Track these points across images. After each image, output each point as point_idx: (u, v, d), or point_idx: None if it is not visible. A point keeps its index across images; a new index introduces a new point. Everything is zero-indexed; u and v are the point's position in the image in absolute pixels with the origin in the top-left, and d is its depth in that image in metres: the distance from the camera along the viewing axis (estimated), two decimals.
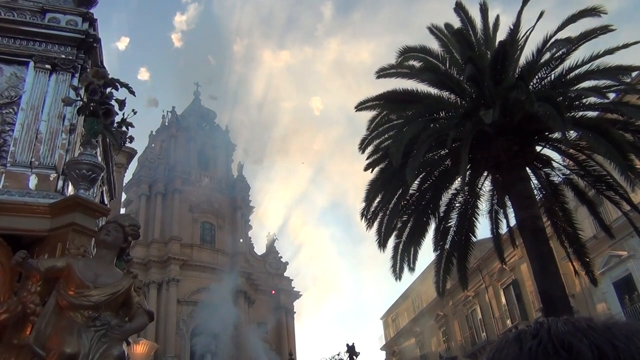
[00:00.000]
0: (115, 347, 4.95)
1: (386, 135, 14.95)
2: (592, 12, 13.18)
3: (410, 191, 14.64)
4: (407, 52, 14.63)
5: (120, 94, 6.57)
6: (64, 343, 4.69)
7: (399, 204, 14.78)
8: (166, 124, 46.77)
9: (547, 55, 13.74)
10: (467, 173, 13.37)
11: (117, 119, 6.82)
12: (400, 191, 14.53)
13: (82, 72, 7.18)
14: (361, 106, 15.10)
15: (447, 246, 15.46)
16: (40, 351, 4.70)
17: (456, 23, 14.69)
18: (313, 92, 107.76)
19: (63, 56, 7.18)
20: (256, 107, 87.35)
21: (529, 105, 11.87)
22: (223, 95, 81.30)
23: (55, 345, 4.70)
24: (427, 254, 16.76)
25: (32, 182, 6.26)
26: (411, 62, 14.83)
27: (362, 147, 15.19)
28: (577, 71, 13.54)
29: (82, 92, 6.44)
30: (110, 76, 6.37)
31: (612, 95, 13.99)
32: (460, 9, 14.71)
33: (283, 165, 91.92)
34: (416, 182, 14.41)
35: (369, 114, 15.15)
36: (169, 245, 38.03)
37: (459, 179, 14.71)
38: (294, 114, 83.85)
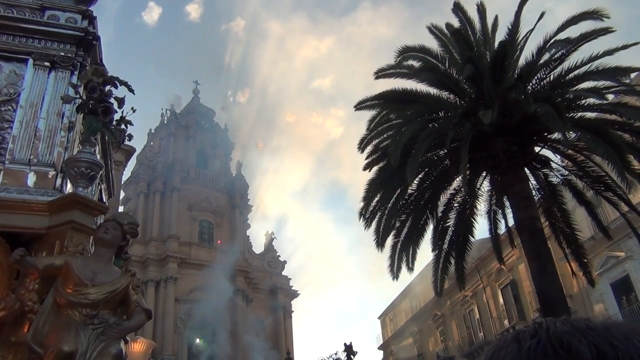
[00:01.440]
0: (113, 345, 4.95)
1: (385, 135, 14.95)
2: (594, 15, 13.16)
3: (409, 191, 14.64)
4: (406, 52, 14.63)
5: (120, 92, 6.57)
6: (62, 341, 4.69)
7: (398, 203, 14.78)
8: (165, 122, 46.73)
9: (546, 56, 13.74)
10: (467, 173, 13.38)
11: (116, 116, 6.82)
12: (399, 191, 14.52)
13: (81, 69, 7.19)
14: (360, 105, 15.11)
15: (445, 246, 15.46)
16: (38, 349, 4.71)
17: (457, 23, 14.70)
18: (323, 74, 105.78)
19: (62, 54, 7.17)
20: (263, 87, 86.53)
21: (527, 106, 11.87)
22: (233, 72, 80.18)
23: (53, 343, 4.70)
24: (425, 253, 16.77)
25: (31, 179, 6.26)
26: (410, 62, 14.83)
27: (361, 146, 15.19)
28: (576, 72, 13.55)
29: (81, 89, 6.43)
30: (109, 74, 6.37)
31: (611, 97, 14.01)
32: (458, 9, 14.71)
33: (287, 154, 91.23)
34: (415, 181, 14.40)
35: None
36: (167, 243, 38.01)
37: (458, 179, 14.74)
38: (303, 95, 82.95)
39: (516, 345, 0.90)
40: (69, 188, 6.33)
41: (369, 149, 15.19)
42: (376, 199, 15.04)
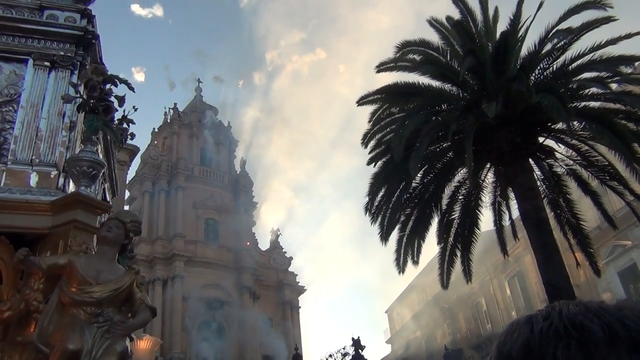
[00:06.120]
0: (119, 343, 4.97)
1: (388, 129, 14.91)
2: (596, 3, 13.04)
3: (413, 184, 14.61)
4: (406, 47, 14.54)
5: (120, 90, 6.57)
6: (67, 339, 4.71)
7: (402, 197, 14.75)
8: (168, 120, 46.81)
9: (548, 46, 13.64)
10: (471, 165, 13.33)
11: (118, 115, 6.83)
12: (403, 184, 14.50)
13: (81, 68, 7.19)
14: (362, 100, 15.08)
15: (450, 239, 15.44)
16: (44, 348, 4.73)
17: (457, 15, 14.62)
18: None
19: (62, 53, 7.18)
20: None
21: (529, 97, 11.81)
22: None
23: (59, 341, 4.72)
24: (432, 247, 16.74)
25: (33, 179, 6.27)
26: (411, 56, 14.77)
27: (365, 141, 15.17)
28: (579, 61, 13.45)
29: (81, 89, 6.44)
30: (109, 73, 6.37)
31: (614, 86, 13.92)
32: (459, 1, 14.62)
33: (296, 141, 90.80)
34: (419, 175, 14.36)
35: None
36: (174, 242, 38.12)
37: (462, 171, 14.70)
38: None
39: (528, 327, 0.91)
40: (71, 187, 6.35)
41: (372, 143, 15.17)
42: (381, 193, 15.02)
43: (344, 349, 27.52)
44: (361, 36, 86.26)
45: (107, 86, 6.27)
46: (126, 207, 31.43)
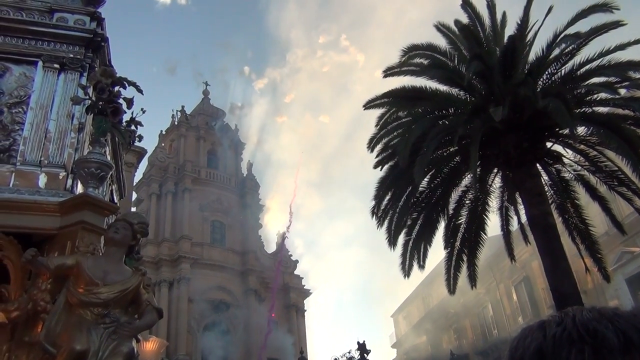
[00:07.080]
0: (125, 344, 4.98)
1: (395, 133, 14.89)
2: (604, 7, 13.02)
3: (420, 189, 14.57)
4: (412, 50, 14.55)
5: (128, 92, 6.61)
6: (74, 340, 4.73)
7: (409, 201, 14.72)
8: (176, 123, 46.95)
9: (556, 51, 13.61)
10: (477, 170, 13.28)
11: (126, 117, 6.86)
12: (409, 189, 14.47)
13: (90, 71, 7.23)
14: (369, 104, 15.08)
15: (457, 244, 15.38)
16: (51, 348, 4.75)
17: (464, 20, 14.61)
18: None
19: (71, 55, 7.22)
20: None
21: (536, 102, 11.78)
22: None
23: (66, 342, 4.75)
24: (439, 251, 16.70)
25: (42, 180, 6.31)
26: (418, 60, 14.76)
27: (371, 145, 15.15)
28: (587, 67, 13.42)
29: (90, 91, 6.47)
30: (118, 75, 6.41)
31: (623, 91, 13.86)
32: (467, 6, 14.61)
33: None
34: (425, 179, 14.33)
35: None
36: (180, 244, 38.16)
37: (469, 176, 14.65)
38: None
39: (541, 332, 0.91)
40: (79, 189, 6.37)
41: (378, 147, 15.16)
42: (387, 197, 14.99)
43: (349, 352, 27.42)
44: (387, 30, 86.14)
45: (116, 88, 6.31)
46: (133, 209, 31.53)
